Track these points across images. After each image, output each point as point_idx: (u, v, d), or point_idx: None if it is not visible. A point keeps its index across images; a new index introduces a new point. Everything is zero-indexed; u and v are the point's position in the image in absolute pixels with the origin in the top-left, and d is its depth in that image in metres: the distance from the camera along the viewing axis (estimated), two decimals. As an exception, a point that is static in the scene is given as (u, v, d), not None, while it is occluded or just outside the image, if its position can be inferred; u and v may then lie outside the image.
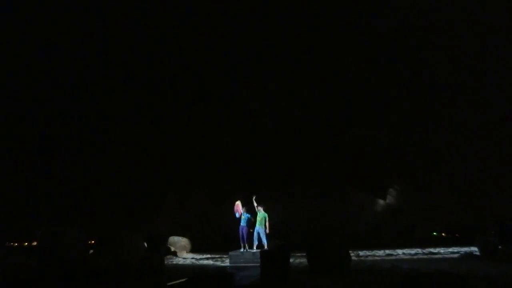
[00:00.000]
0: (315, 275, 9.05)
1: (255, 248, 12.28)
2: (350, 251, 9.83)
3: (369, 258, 12.92)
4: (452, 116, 19.81)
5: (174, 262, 13.68)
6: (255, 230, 12.32)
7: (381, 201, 18.83)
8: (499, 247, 11.53)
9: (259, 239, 12.37)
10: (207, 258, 14.48)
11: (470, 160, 18.58)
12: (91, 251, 11.08)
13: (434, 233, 20.59)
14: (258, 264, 8.23)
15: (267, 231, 12.33)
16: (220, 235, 19.49)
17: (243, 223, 12.39)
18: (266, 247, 11.98)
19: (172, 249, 16.16)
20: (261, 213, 12.40)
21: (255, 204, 12.55)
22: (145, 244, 12.41)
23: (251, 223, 12.55)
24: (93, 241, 13.30)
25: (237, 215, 12.67)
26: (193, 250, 17.43)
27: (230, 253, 12.30)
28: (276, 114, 22.21)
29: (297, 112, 22.24)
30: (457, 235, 20.13)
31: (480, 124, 19.09)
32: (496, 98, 19.05)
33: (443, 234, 21.13)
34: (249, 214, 12.56)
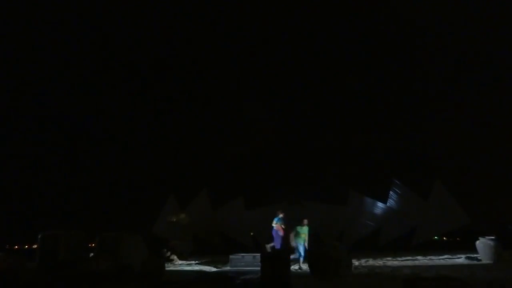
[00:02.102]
0: (316, 279, 9.02)
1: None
2: (351, 255, 9.80)
3: (370, 262, 12.89)
4: (453, 121, 19.93)
5: (175, 265, 13.64)
6: (299, 244, 11.41)
7: (381, 204, 18.76)
8: (501, 251, 11.48)
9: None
10: (208, 262, 14.44)
11: (471, 165, 18.62)
12: (92, 254, 11.05)
13: (435, 237, 20.52)
14: (259, 268, 8.20)
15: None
16: (221, 238, 19.46)
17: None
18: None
19: (172, 252, 16.12)
20: (306, 228, 11.59)
21: (305, 222, 11.66)
22: (146, 248, 12.38)
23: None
24: (93, 244, 13.27)
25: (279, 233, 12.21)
26: (193, 253, 17.40)
27: (231, 256, 12.26)
28: (278, 120, 22.40)
29: (298, 117, 22.43)
30: (458, 239, 20.08)
31: (481, 128, 19.16)
32: (495, 104, 19.17)
33: (444, 238, 21.07)
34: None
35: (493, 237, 13.02)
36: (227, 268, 11.98)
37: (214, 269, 12.14)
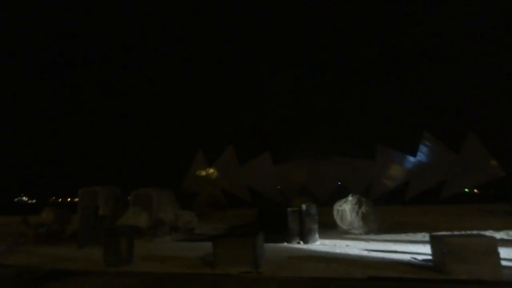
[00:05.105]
0: (343, 231, 9.23)
1: None
2: (378, 207, 9.83)
3: (398, 214, 12.90)
4: (488, 69, 18.60)
5: (204, 219, 14.28)
6: None
7: (411, 158, 18.39)
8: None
9: None
10: (236, 215, 14.96)
11: (507, 115, 17.58)
12: (128, 208, 11.69)
13: (466, 190, 20.11)
14: (286, 223, 8.40)
15: None
16: (248, 192, 19.97)
17: None
18: None
19: (201, 206, 16.80)
20: None
21: None
22: (177, 202, 12.95)
23: None
24: (129, 199, 14.05)
25: None
26: (222, 207, 18.07)
27: (259, 209, 12.59)
28: (304, 76, 21.81)
29: (324, 70, 21.72)
30: (491, 191, 19.61)
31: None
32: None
33: (475, 190, 20.63)
34: None
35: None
36: (255, 222, 12.37)
37: (244, 223, 12.61)
